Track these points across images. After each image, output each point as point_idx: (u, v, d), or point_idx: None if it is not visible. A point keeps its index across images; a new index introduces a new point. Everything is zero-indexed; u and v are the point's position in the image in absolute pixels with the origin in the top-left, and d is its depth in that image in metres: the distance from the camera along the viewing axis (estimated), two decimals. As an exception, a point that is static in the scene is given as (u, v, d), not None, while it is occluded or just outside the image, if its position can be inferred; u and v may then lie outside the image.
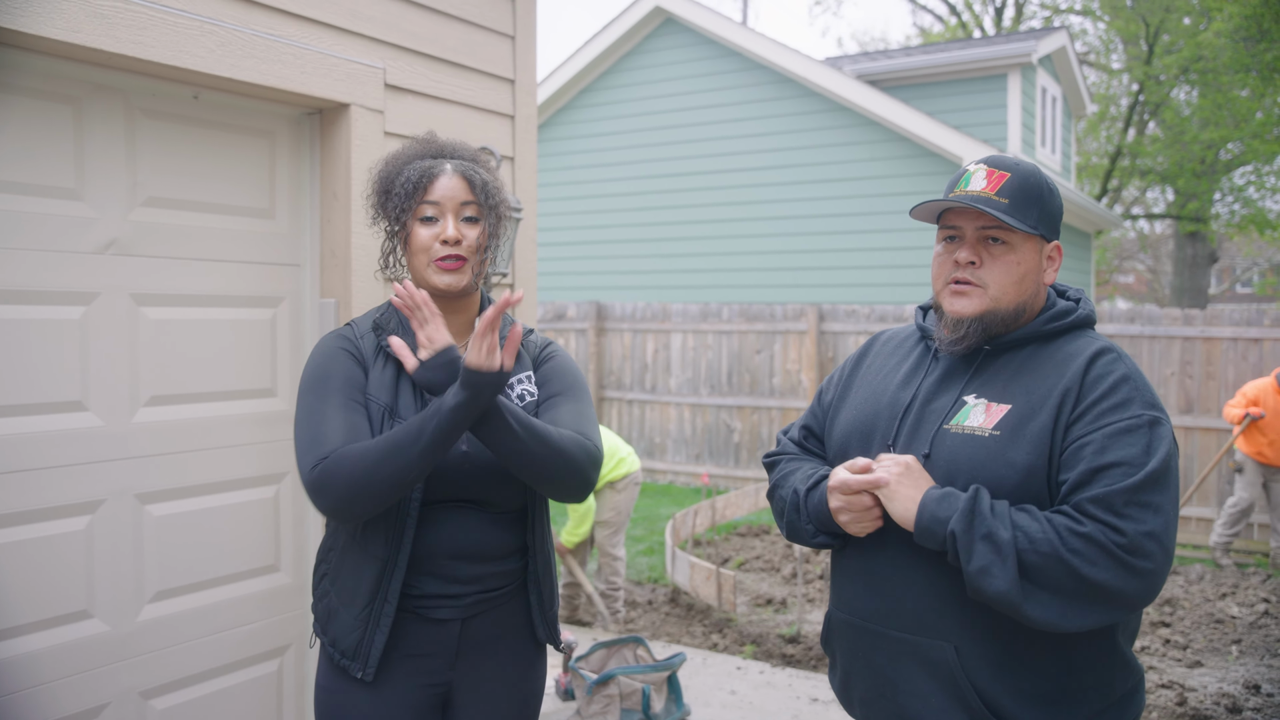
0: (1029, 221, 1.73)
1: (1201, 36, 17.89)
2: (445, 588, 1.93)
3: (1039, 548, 1.53)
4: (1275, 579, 6.93)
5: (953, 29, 24.74)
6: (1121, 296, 34.99)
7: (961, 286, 1.74)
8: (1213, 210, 20.87)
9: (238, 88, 2.80)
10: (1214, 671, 5.11)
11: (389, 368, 1.94)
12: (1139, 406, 1.61)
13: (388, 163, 2.03)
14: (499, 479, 1.95)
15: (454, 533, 1.93)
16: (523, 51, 3.97)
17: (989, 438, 1.66)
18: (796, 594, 5.77)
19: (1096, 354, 1.69)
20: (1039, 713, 1.63)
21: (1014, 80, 11.62)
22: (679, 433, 10.49)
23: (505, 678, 2.04)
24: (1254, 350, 7.99)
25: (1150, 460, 1.55)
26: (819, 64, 11.31)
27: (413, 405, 1.91)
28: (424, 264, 1.95)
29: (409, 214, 1.95)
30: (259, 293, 2.97)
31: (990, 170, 1.75)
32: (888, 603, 1.73)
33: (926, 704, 1.67)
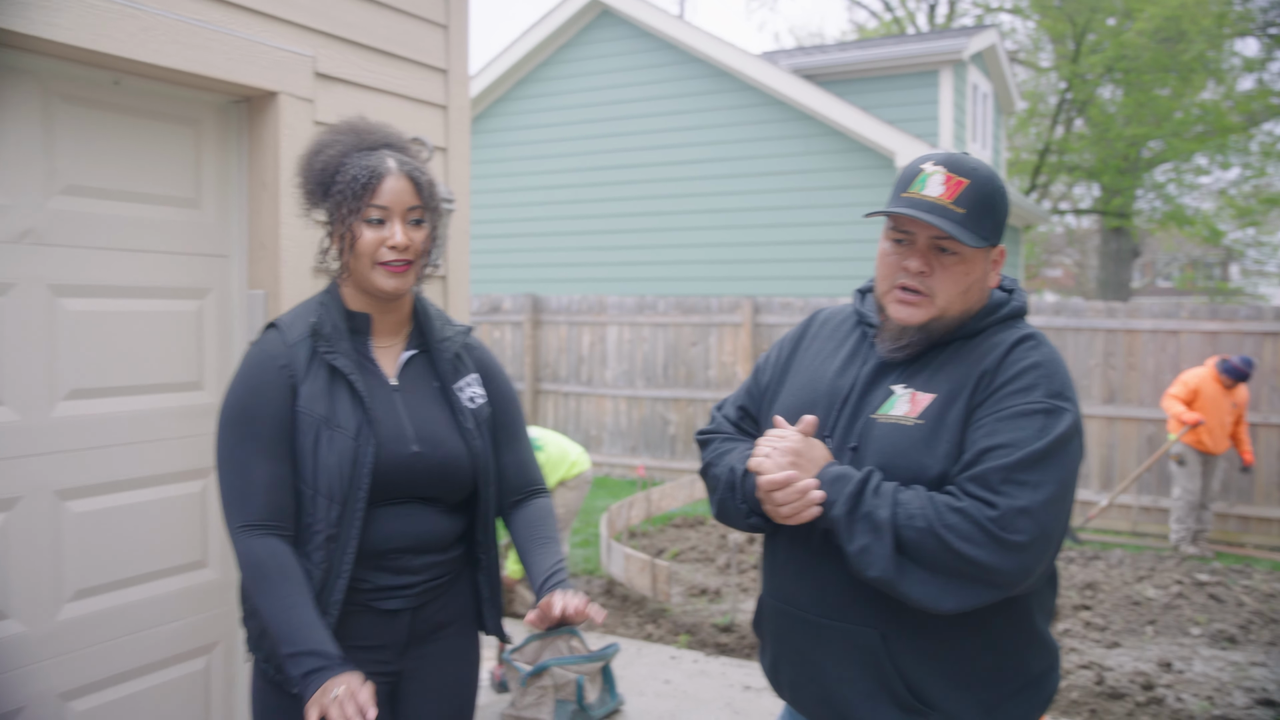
0: (983, 233, 1.70)
1: (1125, 36, 18.34)
2: (395, 579, 1.94)
3: (915, 523, 1.56)
4: (1191, 562, 7.15)
5: (887, 25, 25.04)
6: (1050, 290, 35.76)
7: (909, 295, 1.72)
8: (1135, 206, 21.43)
9: (161, 74, 2.74)
10: (1130, 651, 5.27)
11: (322, 375, 1.91)
12: (1041, 394, 1.63)
13: (320, 152, 1.97)
14: (448, 478, 1.98)
15: (404, 528, 1.94)
16: (456, 41, 3.94)
17: (912, 426, 1.68)
18: (731, 584, 5.82)
19: (1018, 341, 1.71)
20: (961, 694, 1.67)
21: (946, 76, 11.80)
22: (615, 425, 10.51)
23: (451, 663, 2.07)
24: (1172, 342, 8.24)
25: (1037, 442, 1.58)
26: (755, 58, 11.39)
27: (350, 413, 1.89)
28: (368, 266, 1.92)
29: (355, 215, 1.90)
30: (185, 284, 2.91)
31: (949, 175, 1.70)
32: (816, 590, 1.75)
33: (853, 689, 1.70)
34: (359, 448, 1.87)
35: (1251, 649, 5.38)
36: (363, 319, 1.98)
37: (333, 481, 1.86)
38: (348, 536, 1.86)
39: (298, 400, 1.88)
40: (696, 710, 4.31)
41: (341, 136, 1.99)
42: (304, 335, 1.93)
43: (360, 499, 1.87)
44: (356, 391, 1.91)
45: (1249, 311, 8.07)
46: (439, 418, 2.01)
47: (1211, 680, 4.85)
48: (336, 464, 1.86)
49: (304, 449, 1.88)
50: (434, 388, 2.04)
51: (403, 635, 1.97)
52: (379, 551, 1.92)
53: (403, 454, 1.92)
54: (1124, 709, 4.52)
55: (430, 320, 2.09)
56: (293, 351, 1.91)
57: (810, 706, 1.79)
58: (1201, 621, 5.78)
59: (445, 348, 2.07)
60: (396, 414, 1.95)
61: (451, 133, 3.94)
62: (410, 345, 2.05)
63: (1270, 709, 4.50)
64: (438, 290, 3.93)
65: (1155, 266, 35.32)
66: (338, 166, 1.94)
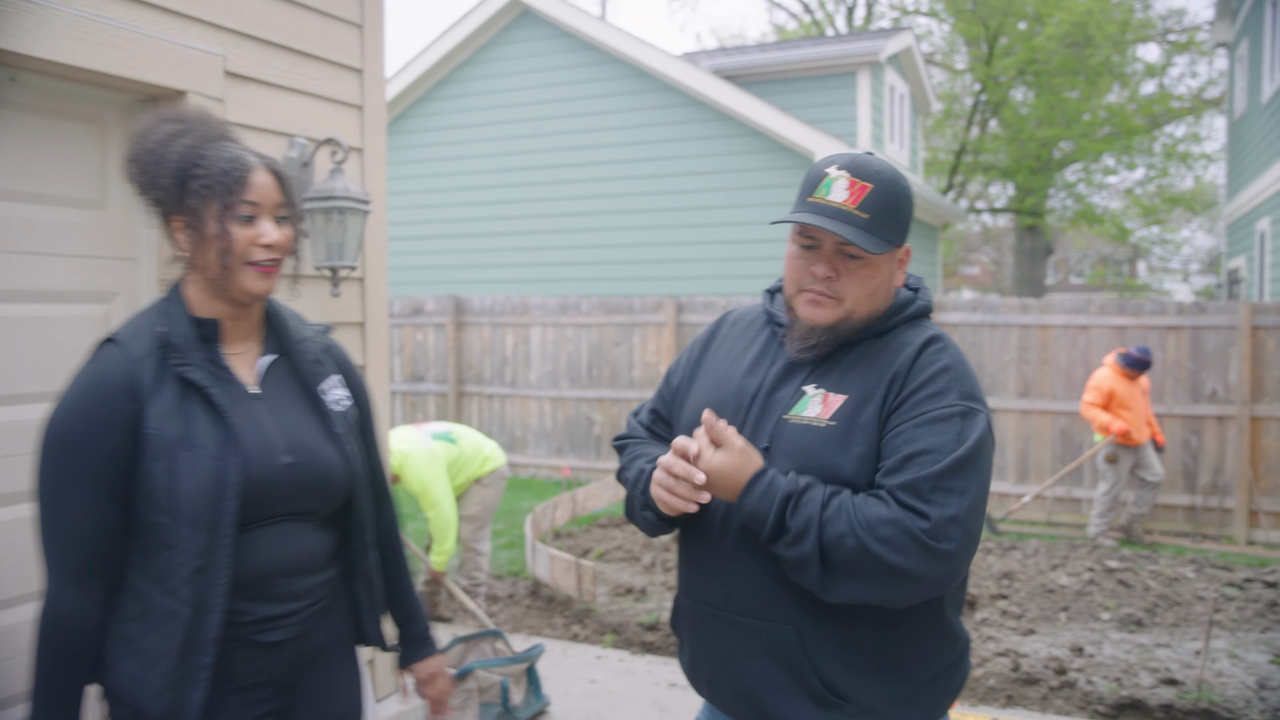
0: (887, 236, 1.72)
1: (1035, 40, 18.85)
2: (278, 607, 1.80)
3: (847, 542, 1.58)
4: (1102, 550, 7.38)
5: (807, 27, 25.37)
6: (967, 287, 36.57)
7: (817, 297, 1.74)
8: (1048, 205, 22.03)
9: (61, 71, 2.67)
10: (1045, 638, 5.42)
11: (173, 391, 1.73)
12: (955, 396, 1.67)
13: (170, 141, 1.77)
14: (323, 488, 1.87)
15: (283, 549, 1.81)
16: (371, 41, 3.90)
17: (825, 428, 1.70)
18: (656, 583, 5.85)
19: (926, 343, 1.74)
20: (873, 686, 1.70)
21: (864, 78, 12.00)
22: (540, 426, 10.48)
23: (336, 689, 1.96)
24: (1083, 337, 8.49)
25: (959, 447, 1.61)
26: (676, 59, 11.45)
27: (209, 429, 1.73)
28: (237, 267, 1.77)
29: (226, 212, 1.75)
30: (91, 288, 2.84)
31: (852, 180, 1.71)
32: (730, 589, 1.76)
33: (769, 684, 1.72)
34: (221, 467, 1.71)
35: (1157, 631, 5.57)
36: (211, 325, 1.81)
37: (196, 508, 1.69)
38: (218, 565, 1.70)
39: (145, 423, 1.70)
40: (622, 709, 4.33)
41: (192, 125, 1.81)
42: (150, 348, 1.74)
43: (228, 523, 1.71)
44: (215, 405, 1.75)
45: (1153, 307, 8.35)
46: (308, 425, 1.88)
47: (1120, 662, 5.01)
48: (198, 488, 1.69)
49: (156, 475, 1.70)
50: (298, 393, 1.91)
51: (286, 668, 1.83)
52: (257, 578, 1.77)
53: (273, 467, 1.78)
54: (1038, 694, 4.65)
55: (285, 322, 1.95)
56: (136, 368, 1.72)
57: (728, 703, 1.81)
58: (1111, 607, 5.97)
59: (305, 349, 1.95)
60: (262, 425, 1.81)
61: (367, 133, 3.90)
62: (267, 350, 1.91)
63: (1173, 687, 4.67)
64: (355, 292, 3.89)
65: (1068, 264, 36.33)
66: (197, 158, 1.76)
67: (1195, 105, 21.70)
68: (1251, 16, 12.82)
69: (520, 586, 6.34)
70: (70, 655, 1.69)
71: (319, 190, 3.41)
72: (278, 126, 3.45)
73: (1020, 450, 8.69)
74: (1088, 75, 19.28)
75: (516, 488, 9.77)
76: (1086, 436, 8.46)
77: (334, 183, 3.42)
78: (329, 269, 3.53)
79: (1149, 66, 20.97)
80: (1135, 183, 22.99)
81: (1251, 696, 4.58)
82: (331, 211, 3.41)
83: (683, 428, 1.91)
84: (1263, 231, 11.46)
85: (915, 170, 15.09)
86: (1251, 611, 5.91)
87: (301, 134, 3.56)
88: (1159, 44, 22.15)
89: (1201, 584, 6.52)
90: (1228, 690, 4.65)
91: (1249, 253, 12.49)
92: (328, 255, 3.48)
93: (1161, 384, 8.25)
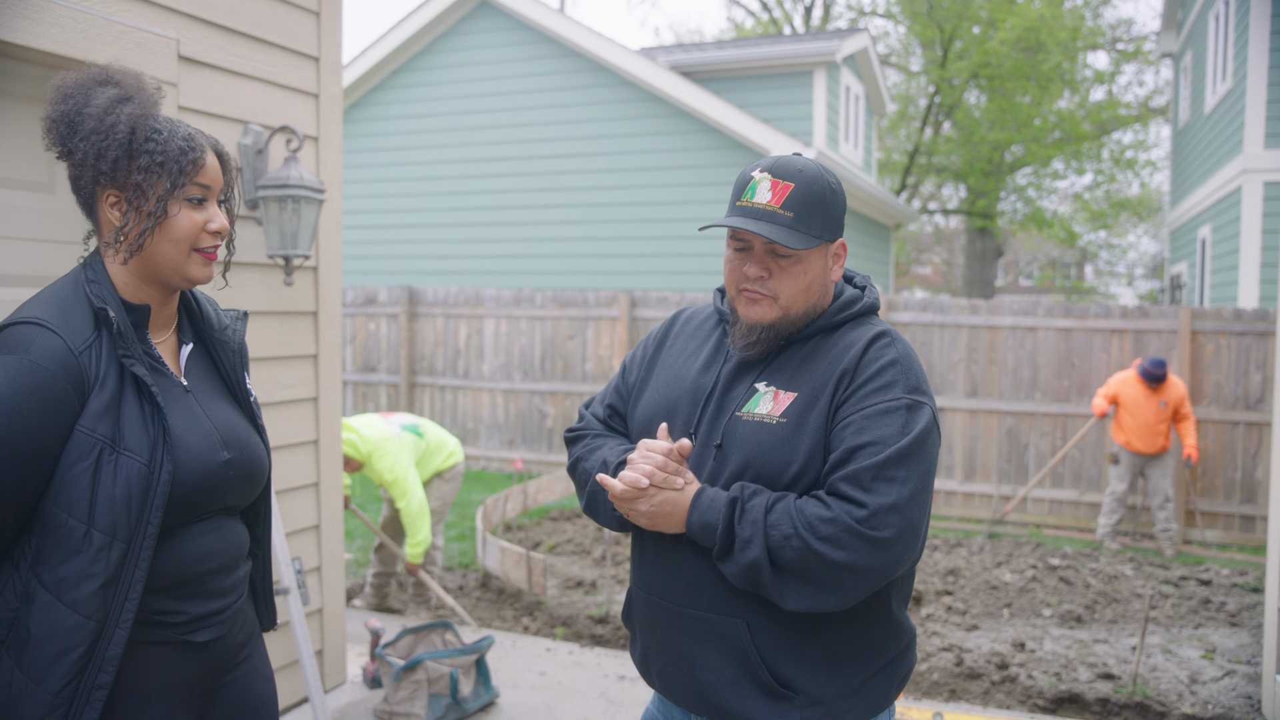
0: (813, 233, 1.76)
1: (989, 45, 19.10)
2: (209, 604, 1.72)
3: (791, 544, 1.62)
4: (1048, 547, 7.53)
5: (765, 25, 25.49)
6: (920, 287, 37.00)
7: (754, 296, 1.79)
8: (999, 208, 22.35)
9: (8, 51, 2.62)
10: (988, 633, 5.53)
11: (110, 386, 1.59)
12: (901, 390, 1.71)
13: (117, 107, 1.63)
14: (253, 481, 1.82)
15: (215, 545, 1.73)
16: (328, 28, 3.87)
17: (776, 425, 1.73)
18: (606, 576, 5.87)
19: (873, 339, 1.77)
20: (822, 678, 1.74)
21: (820, 77, 12.09)
22: (492, 418, 10.45)
23: (255, 685, 1.89)
24: (1030, 338, 8.64)
25: (903, 439, 1.65)
26: (634, 54, 11.45)
27: (141, 431, 1.59)
28: (184, 252, 1.67)
29: (176, 192, 1.64)
30: (39, 272, 2.79)
31: (775, 181, 1.75)
32: (682, 583, 1.79)
33: (719, 677, 1.75)
34: (151, 474, 1.58)
35: (1096, 627, 5.70)
36: (143, 312, 1.67)
37: (116, 516, 1.55)
38: (131, 580, 1.57)
39: (80, 418, 1.55)
40: (571, 701, 4.34)
41: (130, 90, 1.67)
42: (91, 336, 1.59)
43: (150, 535, 1.59)
44: (155, 404, 1.62)
45: (1099, 310, 8.53)
46: (235, 418, 1.81)
47: (1060, 658, 5.12)
48: (124, 495, 1.56)
49: (75, 475, 1.55)
50: (219, 384, 1.83)
51: (214, 667, 1.76)
52: (191, 577, 1.69)
53: (213, 464, 1.69)
54: (980, 688, 4.74)
55: (203, 308, 1.85)
56: (82, 362, 1.56)
57: (680, 695, 1.83)
58: (1052, 603, 6.10)
59: (228, 339, 1.86)
60: (199, 420, 1.71)
61: (323, 121, 3.88)
62: (182, 338, 1.80)
63: (1109, 681, 4.79)
64: (308, 282, 3.86)
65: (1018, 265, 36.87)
66: (150, 131, 1.64)
67: (1142, 113, 22.14)
68: (1195, 29, 13.11)
69: (470, 579, 6.33)
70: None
71: (273, 178, 3.38)
72: (232, 113, 3.42)
73: (968, 449, 8.83)
74: (1039, 80, 19.58)
75: (468, 480, 9.74)
76: (1033, 436, 8.62)
77: (289, 171, 3.39)
78: (282, 258, 3.50)
79: (1098, 74, 21.35)
80: (1084, 188, 23.40)
81: (1184, 690, 4.71)
82: (286, 200, 3.38)
83: (638, 424, 1.94)
84: (1204, 238, 11.74)
85: (869, 170, 15.24)
86: (1186, 609, 6.07)
87: (256, 121, 3.52)
88: (1108, 52, 22.57)
89: (1140, 582, 6.68)
90: (1161, 684, 4.78)
91: (1191, 259, 12.78)
92: (281, 244, 3.45)
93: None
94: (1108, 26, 22.30)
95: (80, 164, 1.63)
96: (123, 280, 1.67)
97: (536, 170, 11.99)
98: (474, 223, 12.34)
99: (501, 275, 12.14)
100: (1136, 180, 22.91)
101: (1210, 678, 4.87)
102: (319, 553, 3.97)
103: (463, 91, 12.36)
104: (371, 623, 4.35)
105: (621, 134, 11.61)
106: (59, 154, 1.65)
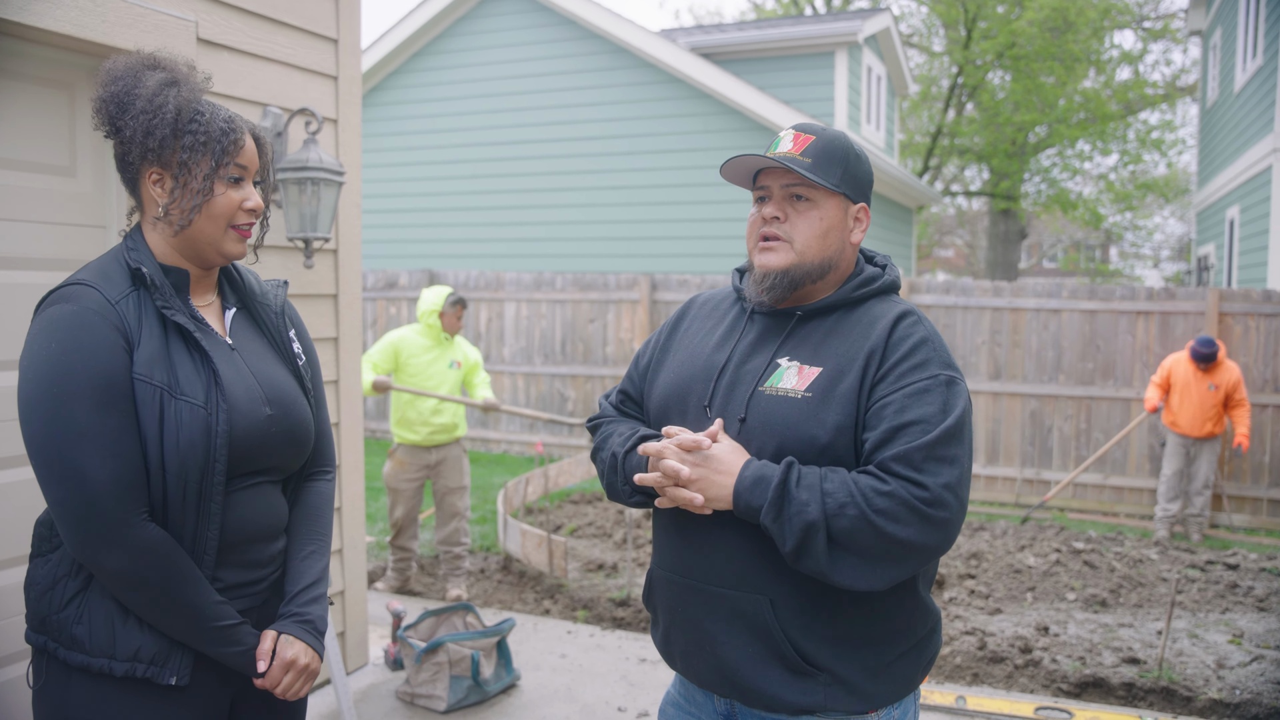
0: (831, 179, 1.79)
1: (1015, 25, 18.88)
2: (245, 574, 1.77)
3: (847, 512, 1.60)
4: (1072, 530, 7.47)
5: (785, 5, 25.27)
6: (942, 269, 36.76)
7: (769, 243, 1.81)
8: (1022, 189, 22.14)
9: (28, 34, 2.62)
10: (1011, 617, 5.49)
11: (156, 336, 1.66)
12: (936, 366, 1.71)
13: (166, 90, 1.71)
14: (297, 443, 1.85)
15: (256, 512, 1.77)
16: (347, 10, 3.86)
17: (801, 399, 1.72)
18: (627, 558, 5.87)
19: (899, 317, 1.77)
20: (848, 658, 1.72)
21: (841, 58, 11.98)
22: (513, 401, 10.46)
23: None
24: (1054, 320, 8.56)
25: (947, 418, 1.65)
26: (654, 35, 11.39)
27: (195, 379, 1.67)
28: (221, 229, 1.74)
29: (219, 171, 1.72)
30: (59, 255, 2.80)
31: (797, 134, 1.82)
32: (705, 559, 1.78)
33: (744, 654, 1.74)
34: (210, 417, 1.66)
35: (1120, 611, 5.65)
36: (181, 275, 1.76)
37: (185, 461, 1.63)
38: (206, 524, 1.68)
39: (133, 366, 1.62)
40: (592, 683, 4.35)
41: (179, 75, 1.75)
42: (127, 290, 1.68)
43: (218, 479, 1.67)
44: (203, 351, 1.71)
45: (1124, 292, 8.43)
46: (282, 377, 1.85)
47: (1084, 642, 5.08)
48: (189, 439, 1.63)
49: (145, 424, 1.62)
50: (266, 345, 1.88)
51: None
52: (232, 543, 1.74)
53: (257, 419, 1.74)
54: (1004, 671, 4.71)
55: (243, 276, 1.92)
56: (121, 309, 1.64)
57: (702, 674, 1.82)
58: (1076, 587, 6.05)
59: (270, 302, 1.93)
60: (244, 374, 1.77)
61: (342, 104, 3.86)
62: (226, 304, 1.87)
63: (1135, 666, 4.75)
64: (329, 264, 3.86)
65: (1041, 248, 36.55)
66: (194, 113, 1.72)
67: (1169, 93, 21.85)
68: (1225, 6, 12.90)
69: (492, 561, 6.34)
70: (187, 561, 1.65)
71: (293, 160, 3.37)
72: (251, 95, 3.41)
73: (990, 432, 8.77)
74: (1065, 61, 19.34)
75: (489, 463, 9.76)
76: (1057, 419, 8.55)
77: (308, 153, 3.38)
78: (302, 240, 3.50)
79: (1124, 53, 21.07)
80: (1109, 168, 23.13)
81: (1210, 675, 4.66)
82: (305, 182, 3.37)
83: (653, 407, 1.95)
84: (1232, 219, 11.58)
85: (891, 152, 15.12)
86: (1212, 593, 6.01)
87: (275, 103, 3.51)
88: (1134, 31, 22.25)
89: (1165, 566, 6.61)
90: (1188, 669, 4.73)
91: (1218, 240, 12.62)
92: (301, 226, 3.44)
93: (1131, 368, 8.34)
94: (1134, 4, 21.99)
95: (128, 141, 1.70)
96: (161, 251, 1.75)
97: (556, 153, 11.95)
98: (494, 206, 12.33)
99: (522, 259, 12.13)
100: (1163, 161, 22.64)
101: (1238, 663, 4.83)
102: (340, 535, 3.98)
103: (482, 75, 12.33)
104: (393, 605, 4.36)
105: (641, 116, 11.56)
106: (107, 132, 1.73)
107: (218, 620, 1.68)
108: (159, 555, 1.61)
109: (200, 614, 1.66)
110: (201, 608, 1.66)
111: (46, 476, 1.57)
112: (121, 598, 1.64)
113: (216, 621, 1.67)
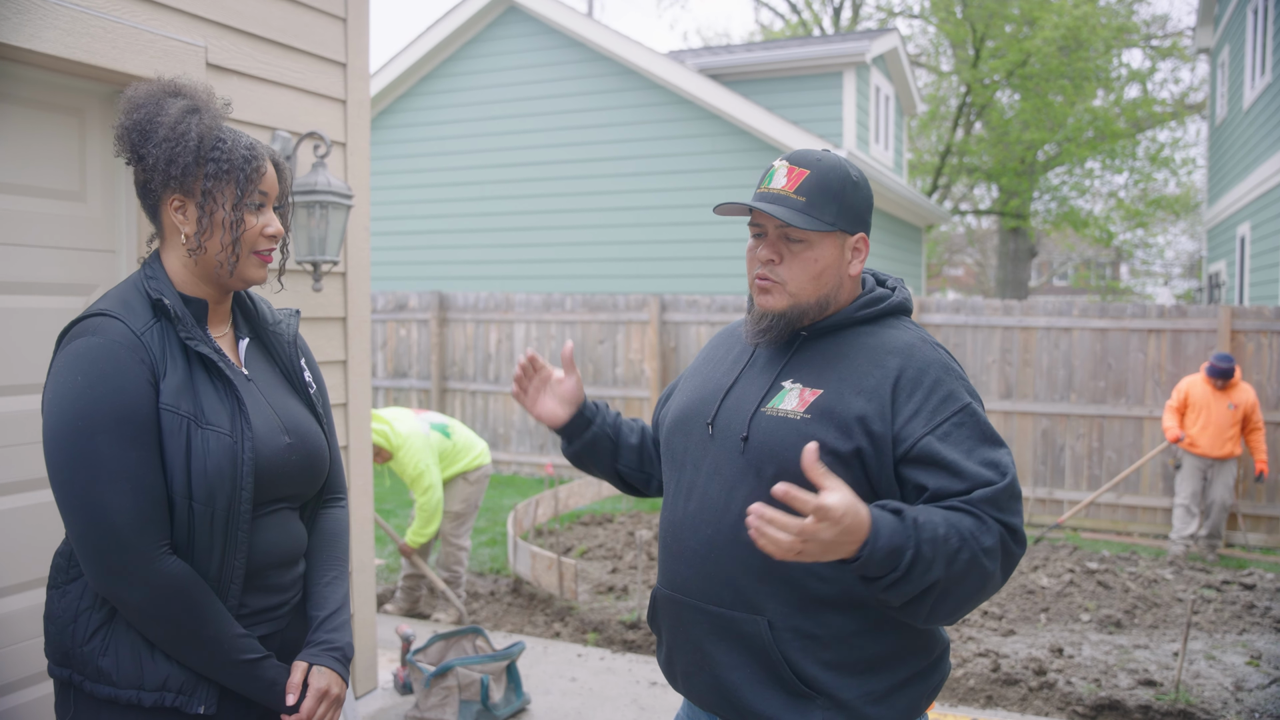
0: (825, 219, 1.75)
1: (1029, 44, 18.90)
2: (268, 599, 1.78)
3: (961, 556, 1.56)
4: (1085, 550, 7.41)
5: (793, 26, 25.39)
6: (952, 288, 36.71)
7: (764, 283, 1.80)
8: (1032, 208, 22.13)
9: (39, 60, 2.64)
10: (1025, 639, 5.44)
11: (180, 366, 1.68)
12: (963, 394, 1.72)
13: (189, 117, 1.72)
14: (313, 471, 1.86)
15: (278, 538, 1.79)
16: (355, 34, 3.88)
17: (799, 420, 1.72)
18: (638, 580, 5.84)
19: (912, 345, 1.76)
20: (849, 682, 1.70)
21: (849, 78, 12.01)
22: (523, 423, 10.46)
23: None
24: (1064, 339, 8.52)
25: (1000, 452, 1.67)
26: (662, 57, 11.44)
27: (220, 408, 1.69)
28: (244, 255, 1.75)
29: (245, 198, 1.73)
30: (69, 280, 2.81)
31: (791, 168, 1.79)
32: (705, 579, 1.77)
33: (742, 675, 1.73)
34: (235, 445, 1.68)
35: (1135, 633, 5.60)
36: (200, 305, 1.77)
37: (213, 489, 1.65)
38: (233, 552, 1.69)
39: (160, 397, 1.64)
40: (602, 707, 4.32)
41: (200, 102, 1.76)
42: (150, 321, 1.68)
43: (245, 506, 1.69)
44: (226, 380, 1.72)
45: (1135, 309, 8.40)
46: (295, 406, 1.87)
47: (1099, 663, 5.03)
48: (216, 468, 1.65)
49: (172, 454, 1.64)
50: (279, 375, 1.90)
51: None
52: (257, 569, 1.75)
53: (277, 447, 1.76)
54: (1018, 694, 4.66)
55: (257, 305, 1.93)
56: (146, 340, 1.65)
57: (702, 695, 1.81)
58: (1091, 608, 6.00)
59: (282, 332, 1.94)
60: (260, 406, 1.78)
61: (351, 127, 3.88)
62: (239, 333, 1.88)
63: (1151, 688, 4.69)
64: (337, 287, 3.87)
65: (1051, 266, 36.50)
66: (216, 140, 1.73)
67: (1178, 110, 21.84)
68: (1233, 23, 12.90)
69: (502, 584, 6.32)
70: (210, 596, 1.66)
71: (301, 184, 3.39)
72: (260, 120, 3.43)
73: (1002, 451, 8.71)
74: (1074, 79, 19.36)
75: (499, 485, 9.75)
76: (1068, 438, 8.50)
77: (316, 177, 3.40)
78: (310, 263, 3.51)
79: (1133, 71, 21.09)
80: (1119, 186, 23.12)
81: (1228, 698, 4.61)
82: (314, 205, 3.39)
83: (666, 427, 1.97)
84: (1243, 236, 11.54)
85: (900, 171, 15.13)
86: (1229, 613, 5.95)
87: (284, 127, 3.53)
88: (1143, 49, 22.27)
89: (1180, 586, 6.56)
90: (1205, 691, 4.68)
91: (1229, 257, 12.57)
92: (309, 249, 3.45)
93: (1143, 386, 8.30)
94: (1142, 23, 22.03)
95: (151, 169, 1.71)
96: (181, 278, 1.76)
97: (565, 174, 12.00)
98: (503, 228, 12.37)
99: (531, 280, 12.15)
100: (1173, 178, 22.61)
101: (1256, 685, 4.77)
102: (350, 558, 3.97)
103: (491, 97, 12.39)
104: (402, 628, 4.35)
105: (650, 137, 11.60)
106: (129, 160, 1.74)
107: (241, 654, 1.68)
108: (181, 589, 1.62)
109: (222, 647, 1.66)
110: (223, 641, 1.66)
111: (69, 510, 1.59)
112: (143, 631, 1.64)
113: (239, 655, 1.68)
